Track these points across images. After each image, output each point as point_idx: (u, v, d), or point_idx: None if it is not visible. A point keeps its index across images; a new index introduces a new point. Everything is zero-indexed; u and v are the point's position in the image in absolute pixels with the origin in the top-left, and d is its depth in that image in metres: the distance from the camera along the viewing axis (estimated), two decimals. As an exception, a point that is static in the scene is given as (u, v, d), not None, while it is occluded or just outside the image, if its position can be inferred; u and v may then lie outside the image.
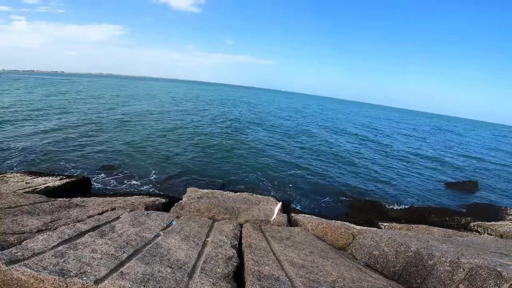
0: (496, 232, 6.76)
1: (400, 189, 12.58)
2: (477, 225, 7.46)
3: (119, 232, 3.30)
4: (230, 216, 5.75)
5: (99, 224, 3.43)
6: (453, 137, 40.81)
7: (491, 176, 17.67)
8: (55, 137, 14.72)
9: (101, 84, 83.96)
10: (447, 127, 64.04)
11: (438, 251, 3.59)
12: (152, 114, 27.17)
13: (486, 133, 63.88)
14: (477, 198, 12.38)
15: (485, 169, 19.74)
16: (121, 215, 4.29)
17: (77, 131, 16.72)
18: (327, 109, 70.76)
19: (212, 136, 19.05)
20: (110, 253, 2.58)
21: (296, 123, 31.86)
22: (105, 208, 4.66)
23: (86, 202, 5.18)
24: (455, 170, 17.87)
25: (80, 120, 20.19)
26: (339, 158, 16.73)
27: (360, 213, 8.86)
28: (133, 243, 2.99)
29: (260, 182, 11.37)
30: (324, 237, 5.14)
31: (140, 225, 3.86)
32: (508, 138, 55.67)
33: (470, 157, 24.15)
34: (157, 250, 2.94)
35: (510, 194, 14.10)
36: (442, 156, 22.20)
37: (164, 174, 11.09)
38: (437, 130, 50.72)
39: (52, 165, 10.84)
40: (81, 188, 7.52)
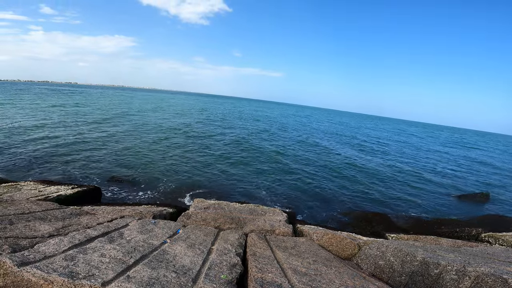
0: (508, 242, 6.58)
1: (409, 201, 12.36)
2: (488, 236, 7.26)
3: (128, 238, 3.41)
4: (236, 226, 5.79)
5: (108, 231, 3.55)
6: (463, 150, 39.95)
7: (503, 187, 17.17)
8: (68, 147, 15.18)
9: (114, 95, 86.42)
10: (461, 140, 62.77)
11: (444, 260, 3.56)
12: (161, 126, 27.70)
13: (497, 145, 62.28)
14: (489, 210, 12.01)
15: (498, 180, 19.23)
16: (130, 223, 4.42)
17: (89, 142, 17.21)
18: (336, 123, 70.61)
19: (220, 149, 19.25)
20: (118, 257, 2.68)
21: (302, 136, 31.88)
22: (114, 216, 4.79)
23: (96, 210, 5.33)
24: (466, 182, 17.46)
25: (92, 131, 20.77)
26: (346, 170, 16.61)
27: (367, 224, 8.72)
28: (141, 249, 3.09)
29: (266, 194, 11.38)
30: (329, 247, 5.11)
31: (148, 233, 3.96)
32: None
33: (482, 168, 23.58)
34: (163, 256, 3.03)
35: None
36: (453, 169, 21.76)
37: (172, 185, 11.25)
38: (451, 143, 49.81)
39: (64, 174, 11.16)
40: (92, 197, 7.71)
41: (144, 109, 46.96)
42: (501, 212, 11.49)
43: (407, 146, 33.66)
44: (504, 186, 17.70)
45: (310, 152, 21.39)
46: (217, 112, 58.09)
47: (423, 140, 45.96)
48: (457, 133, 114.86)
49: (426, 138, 54.37)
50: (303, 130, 38.17)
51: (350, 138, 34.93)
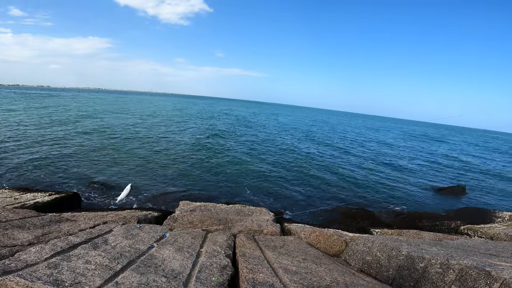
0: (486, 234, 6.89)
1: (390, 195, 12.77)
2: (467, 229, 7.60)
3: (112, 244, 3.27)
4: (224, 227, 5.74)
5: (91, 237, 3.40)
6: (437, 143, 41.82)
7: (478, 180, 18.15)
8: (43, 153, 14.44)
9: (89, 98, 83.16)
10: (433, 134, 65.64)
11: (428, 253, 3.69)
12: (140, 129, 26.95)
13: (470, 139, 65.82)
14: (466, 202, 12.64)
15: (472, 173, 20.30)
16: (114, 228, 4.25)
17: (65, 146, 16.43)
18: (319, 121, 71.79)
19: (202, 150, 19.01)
20: (104, 264, 2.57)
21: (285, 135, 32.15)
22: (96, 222, 4.61)
23: (77, 216, 5.10)
24: (443, 176, 18.28)
25: (68, 136, 19.87)
26: (329, 168, 16.91)
27: (352, 220, 8.92)
28: (127, 254, 2.98)
29: (252, 194, 11.37)
30: (318, 245, 5.18)
31: (133, 238, 3.83)
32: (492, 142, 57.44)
33: (456, 162, 24.82)
34: (152, 261, 2.93)
35: (498, 197, 14.50)
36: (429, 162, 22.73)
37: (156, 189, 10.98)
38: (424, 137, 51.96)
39: (41, 181, 10.60)
40: (71, 204, 7.38)
41: (123, 112, 45.60)
42: (477, 205, 12.12)
43: (385, 143, 34.79)
44: (477, 178, 18.70)
45: (288, 151, 21.56)
46: (192, 113, 57.44)
47: (401, 136, 47.73)
48: (441, 128, 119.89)
49: (403, 133, 56.46)
50: (277, 128, 38.56)
51: (332, 135, 35.69)
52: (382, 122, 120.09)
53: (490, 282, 2.66)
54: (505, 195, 15.11)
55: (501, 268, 2.83)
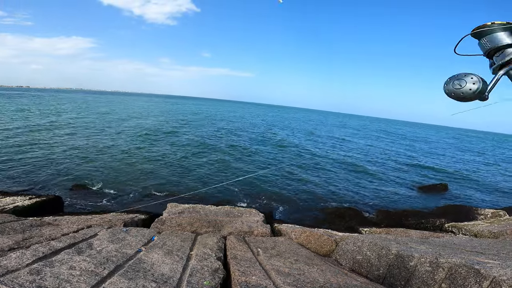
0: (470, 232, 7.08)
1: (378, 194, 13.00)
2: (451, 226, 7.79)
3: (98, 249, 3.13)
4: (213, 229, 5.65)
5: (75, 242, 3.24)
6: (419, 142, 43.08)
7: (459, 177, 18.79)
8: (22, 156, 13.81)
9: (68, 99, 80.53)
10: (413, 133, 67.59)
11: (417, 252, 3.74)
12: (123, 129, 26.29)
13: (448, 137, 68.18)
14: (449, 200, 13.04)
15: (455, 170, 21.02)
16: (99, 232, 4.09)
17: (45, 149, 15.75)
18: (306, 120, 72.45)
19: (189, 150, 18.76)
20: (89, 269, 2.44)
21: (273, 134, 32.25)
22: (80, 226, 4.41)
23: (59, 220, 4.87)
24: (425, 174, 18.82)
25: (48, 138, 19.07)
26: (317, 168, 17.06)
27: (341, 220, 9.02)
28: (114, 259, 2.85)
29: (241, 195, 11.29)
30: (308, 245, 5.17)
31: (119, 242, 3.69)
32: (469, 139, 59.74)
33: (438, 160, 25.65)
34: (140, 266, 2.82)
35: (479, 194, 15.05)
36: (412, 160, 23.37)
37: (142, 191, 10.70)
38: (402, 136, 53.40)
39: (20, 184, 10.11)
40: (53, 208, 7.07)
41: (101, 112, 44.41)
42: (460, 202, 12.53)
43: (370, 142, 35.49)
44: (459, 176, 19.37)
45: (276, 151, 21.62)
46: (183, 113, 56.78)
47: (384, 136, 48.87)
48: (417, 127, 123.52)
49: (386, 133, 57.80)
50: (264, 127, 38.68)
51: (320, 133, 36.09)
52: (366, 122, 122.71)
53: (479, 280, 2.71)
54: (486, 192, 15.73)
55: (489, 266, 2.89)
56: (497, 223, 7.74)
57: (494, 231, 6.67)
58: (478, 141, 72.48)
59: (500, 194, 15.67)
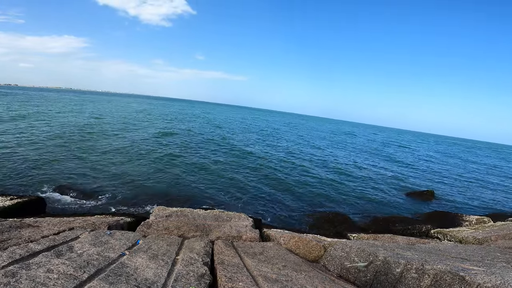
0: (455, 238, 7.20)
1: (365, 200, 13.14)
2: (437, 232, 7.92)
3: (79, 252, 3.01)
4: (201, 234, 5.54)
5: (55, 244, 3.10)
6: (404, 149, 43.94)
7: (445, 184, 19.22)
8: (3, 156, 13.31)
9: (56, 99, 78.59)
10: (398, 141, 68.91)
11: (403, 258, 3.76)
12: (112, 130, 25.78)
13: (434, 144, 69.81)
14: (435, 206, 13.31)
15: (440, 178, 21.49)
16: (81, 235, 3.94)
17: (29, 149, 15.23)
18: (298, 125, 72.87)
19: (179, 153, 18.53)
20: (68, 273, 2.33)
21: (263, 139, 32.26)
22: (61, 228, 4.25)
23: (40, 222, 4.67)
24: (413, 181, 19.17)
25: (32, 138, 18.46)
26: (306, 173, 17.11)
27: (329, 225, 9.04)
28: (95, 262, 2.74)
29: (231, 199, 11.19)
30: (297, 251, 5.14)
31: (102, 245, 3.56)
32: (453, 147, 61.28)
33: (425, 167, 26.20)
34: (123, 270, 2.72)
35: (465, 201, 15.41)
36: (400, 167, 23.78)
37: (129, 193, 10.46)
38: (387, 144, 54.31)
39: (1, 185, 9.73)
40: (35, 209, 6.80)
41: (86, 112, 43.51)
42: (446, 209, 12.81)
43: (359, 149, 35.98)
44: (445, 183, 19.82)
45: (266, 156, 21.61)
46: (170, 115, 56.24)
47: (374, 143, 49.58)
48: (402, 134, 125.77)
49: (375, 141, 58.71)
50: (261, 134, 38.71)
51: (309, 139, 36.30)
52: (359, 129, 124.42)
53: (464, 287, 2.73)
54: (471, 199, 16.13)
55: (474, 272, 2.92)
56: (482, 229, 7.92)
57: (479, 238, 6.80)
58: (460, 148, 74.53)
59: (485, 201, 16.12)
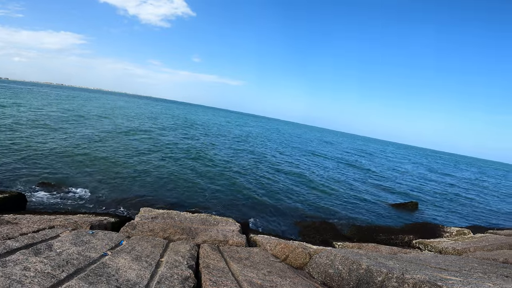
0: (435, 248, 7.42)
1: (352, 210, 13.29)
2: (418, 243, 8.14)
3: (58, 250, 2.92)
4: (187, 237, 5.48)
5: (34, 242, 3.01)
6: (392, 160, 44.84)
7: (429, 196, 19.69)
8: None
9: (41, 93, 76.57)
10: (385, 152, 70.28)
11: (385, 267, 3.82)
12: (101, 128, 25.23)
13: (421, 157, 71.49)
14: (418, 218, 13.60)
15: (424, 190, 22.00)
16: (61, 234, 3.84)
17: (10, 143, 14.70)
18: (287, 134, 73.33)
19: (168, 154, 18.31)
20: (46, 271, 2.26)
21: (253, 145, 32.29)
22: (41, 226, 4.12)
23: (20, 219, 4.51)
24: (398, 192, 19.55)
25: (13, 130, 17.83)
26: (295, 181, 17.19)
27: (316, 233, 9.08)
28: (75, 262, 2.67)
29: (219, 204, 11.09)
30: (283, 257, 5.14)
31: (83, 244, 3.47)
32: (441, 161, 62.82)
33: (411, 179, 26.75)
34: (104, 270, 2.65)
35: (447, 214, 15.79)
36: (386, 178, 24.20)
37: (115, 193, 10.22)
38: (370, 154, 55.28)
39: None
40: (15, 205, 6.56)
41: (77, 109, 42.65)
42: (429, 220, 13.12)
43: (346, 159, 36.48)
44: (428, 195, 20.29)
45: (257, 161, 21.63)
46: (159, 114, 55.69)
47: (362, 154, 50.36)
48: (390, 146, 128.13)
49: (363, 151, 59.66)
50: (251, 140, 38.80)
51: (298, 146, 36.55)
52: (346, 138, 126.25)
53: (442, 296, 2.80)
54: (453, 211, 16.58)
55: (451, 282, 3.00)
56: (462, 240, 8.19)
57: (458, 248, 7.01)
58: (445, 162, 76.54)
59: (467, 214, 16.59)
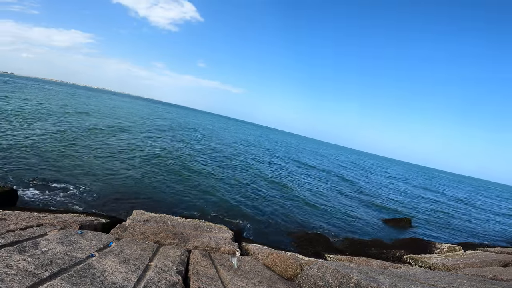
0: (426, 264, 7.44)
1: (346, 223, 13.26)
2: (409, 258, 8.17)
3: (43, 249, 2.87)
4: (179, 242, 5.40)
5: (19, 240, 2.95)
6: (387, 176, 44.84)
7: (423, 213, 19.67)
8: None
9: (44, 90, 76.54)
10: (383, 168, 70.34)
11: (375, 282, 3.78)
12: (99, 128, 25.09)
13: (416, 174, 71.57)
14: (411, 233, 13.62)
15: (418, 207, 21.98)
16: (49, 232, 3.77)
17: (6, 138, 14.55)
18: (288, 145, 73.39)
19: (166, 159, 18.22)
20: (28, 270, 2.21)
21: (251, 155, 32.21)
22: (30, 224, 4.05)
23: (8, 215, 4.44)
24: (392, 207, 19.51)
25: (9, 126, 17.66)
26: (291, 192, 17.08)
27: (308, 244, 9.03)
28: (59, 261, 2.61)
29: (213, 211, 10.99)
30: (274, 267, 5.07)
31: (71, 244, 3.41)
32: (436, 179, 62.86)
33: (405, 195, 26.75)
34: (89, 271, 2.60)
35: (440, 230, 15.85)
36: (381, 194, 24.17)
37: (108, 194, 10.11)
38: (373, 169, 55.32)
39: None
40: (6, 201, 6.46)
41: (78, 107, 42.58)
42: (421, 236, 13.13)
43: (342, 172, 36.45)
44: (422, 212, 20.28)
45: (254, 171, 21.53)
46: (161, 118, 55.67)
47: (359, 168, 50.37)
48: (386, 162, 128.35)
49: (363, 166, 59.71)
50: (251, 149, 38.77)
51: (296, 157, 36.50)
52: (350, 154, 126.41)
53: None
54: (445, 228, 16.63)
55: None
56: (452, 257, 8.22)
57: (448, 264, 7.03)
58: (443, 181, 76.65)
59: (460, 231, 16.68)
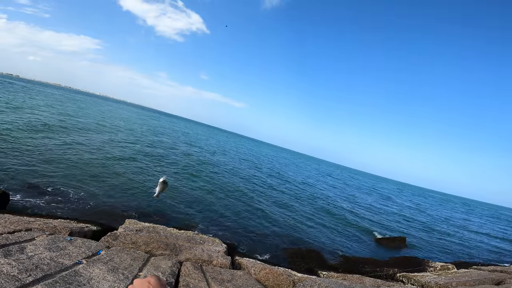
0: (418, 282, 7.33)
1: (340, 240, 13.09)
2: (402, 276, 8.05)
3: (30, 254, 2.75)
4: (170, 253, 5.25)
5: (6, 243, 2.84)
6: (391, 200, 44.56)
7: (417, 232, 19.48)
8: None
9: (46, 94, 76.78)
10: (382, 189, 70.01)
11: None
12: (97, 134, 24.94)
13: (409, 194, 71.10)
14: (404, 252, 13.45)
15: (413, 226, 21.77)
16: (37, 237, 3.65)
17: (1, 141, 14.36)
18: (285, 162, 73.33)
19: (162, 168, 18.05)
20: (11, 274, 2.11)
21: (248, 169, 32.01)
22: (18, 228, 3.92)
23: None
24: (387, 226, 19.31)
25: (5, 130, 17.46)
26: (286, 207, 16.89)
27: (301, 261, 8.86)
28: (45, 267, 2.50)
29: (208, 223, 10.78)
30: (266, 283, 4.91)
31: (58, 250, 3.29)
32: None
33: (401, 215, 26.49)
34: (74, 278, 2.49)
35: (434, 249, 15.65)
36: (377, 213, 23.94)
37: (102, 201, 9.89)
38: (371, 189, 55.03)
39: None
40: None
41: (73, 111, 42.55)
42: (414, 254, 12.94)
43: (340, 190, 36.17)
44: (417, 231, 20.07)
45: (252, 186, 21.34)
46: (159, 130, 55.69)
47: (355, 186, 50.07)
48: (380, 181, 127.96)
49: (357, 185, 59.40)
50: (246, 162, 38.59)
51: (294, 173, 36.30)
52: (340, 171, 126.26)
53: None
54: (440, 248, 16.41)
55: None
56: (445, 275, 8.14)
57: (440, 283, 6.95)
58: (436, 200, 76.26)
59: (454, 250, 16.50)
